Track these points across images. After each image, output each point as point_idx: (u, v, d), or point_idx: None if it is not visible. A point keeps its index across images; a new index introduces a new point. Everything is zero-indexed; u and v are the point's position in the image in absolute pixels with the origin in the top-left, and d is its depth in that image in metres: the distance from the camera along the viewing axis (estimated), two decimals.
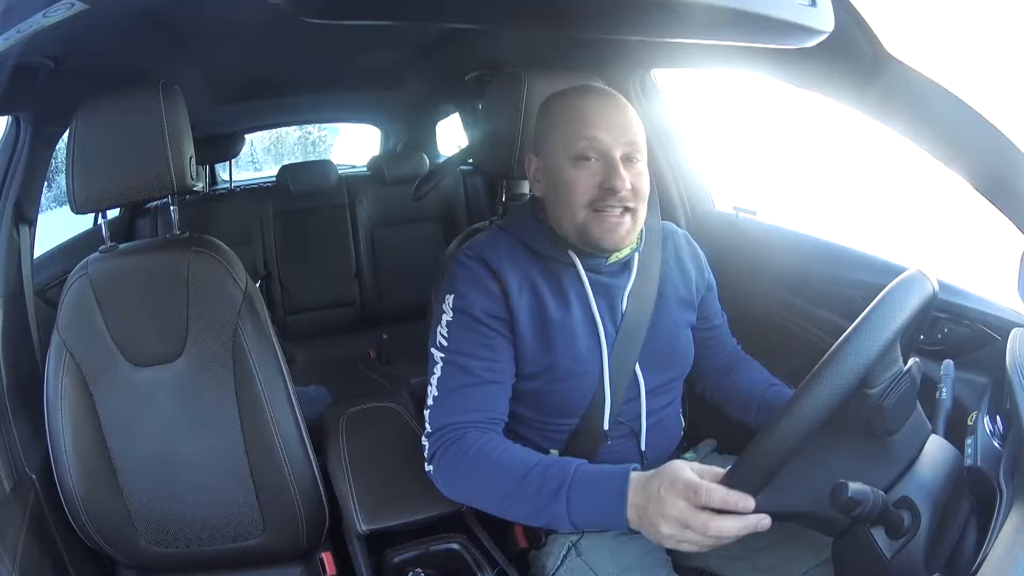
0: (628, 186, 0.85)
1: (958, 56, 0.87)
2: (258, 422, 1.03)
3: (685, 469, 0.68)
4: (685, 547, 0.68)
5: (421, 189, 1.96)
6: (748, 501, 0.64)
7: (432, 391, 0.88)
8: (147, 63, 1.19)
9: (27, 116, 1.11)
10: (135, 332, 1.02)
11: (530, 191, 0.98)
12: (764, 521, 0.64)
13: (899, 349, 0.70)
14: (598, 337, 0.91)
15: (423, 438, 0.89)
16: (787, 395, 0.96)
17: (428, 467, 0.88)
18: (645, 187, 0.88)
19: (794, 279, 1.22)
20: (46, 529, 1.02)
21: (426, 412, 0.88)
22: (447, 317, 0.88)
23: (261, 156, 4.96)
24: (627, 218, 0.87)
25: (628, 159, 0.86)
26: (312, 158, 3.66)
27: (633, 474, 0.73)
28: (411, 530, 0.97)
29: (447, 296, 0.89)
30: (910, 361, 0.72)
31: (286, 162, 2.61)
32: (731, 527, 0.65)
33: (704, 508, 0.65)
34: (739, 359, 1.09)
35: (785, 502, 0.67)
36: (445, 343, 0.88)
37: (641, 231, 0.95)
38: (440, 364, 0.88)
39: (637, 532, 0.98)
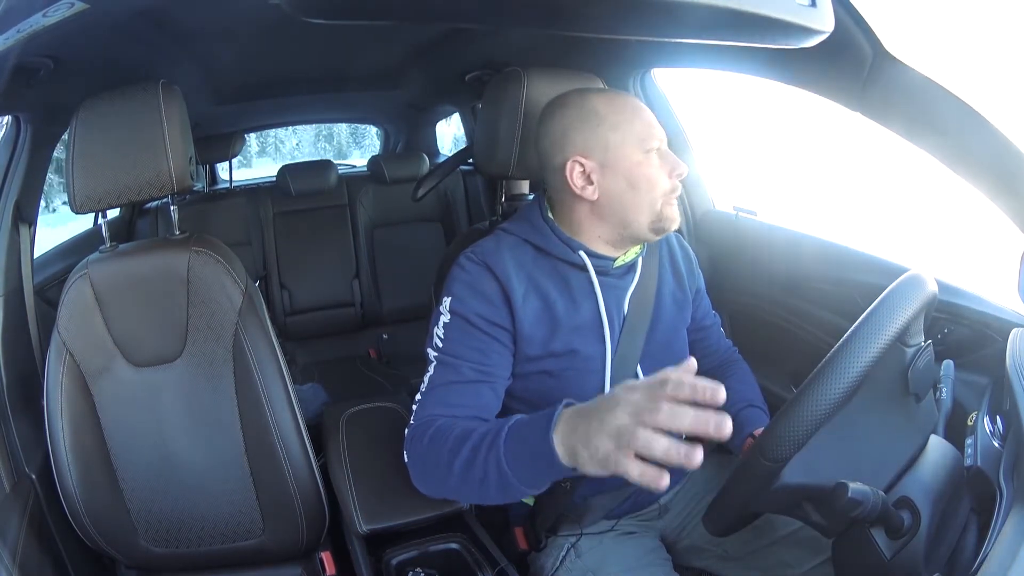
0: None
1: (958, 56, 0.87)
2: (258, 422, 1.03)
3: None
4: (599, 465, 0.60)
5: (421, 189, 1.96)
6: (720, 390, 0.55)
7: (421, 388, 0.88)
8: (147, 63, 1.19)
9: (27, 116, 1.10)
10: (135, 332, 1.02)
11: (544, 192, 0.96)
12: (697, 456, 0.54)
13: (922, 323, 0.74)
14: (603, 337, 0.92)
15: (405, 431, 0.88)
16: (758, 422, 0.95)
17: (405, 458, 0.87)
18: None
19: (794, 279, 1.22)
20: (46, 529, 1.02)
21: (413, 408, 0.88)
22: (444, 319, 0.88)
23: None
24: None
25: None
26: None
27: (570, 408, 0.67)
28: (411, 530, 0.97)
29: (445, 299, 0.90)
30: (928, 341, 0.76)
31: None
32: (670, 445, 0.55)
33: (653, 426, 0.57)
34: (731, 363, 1.08)
35: (811, 477, 0.68)
36: (440, 344, 0.88)
37: None
38: (434, 363, 0.88)
39: (635, 532, 0.99)
